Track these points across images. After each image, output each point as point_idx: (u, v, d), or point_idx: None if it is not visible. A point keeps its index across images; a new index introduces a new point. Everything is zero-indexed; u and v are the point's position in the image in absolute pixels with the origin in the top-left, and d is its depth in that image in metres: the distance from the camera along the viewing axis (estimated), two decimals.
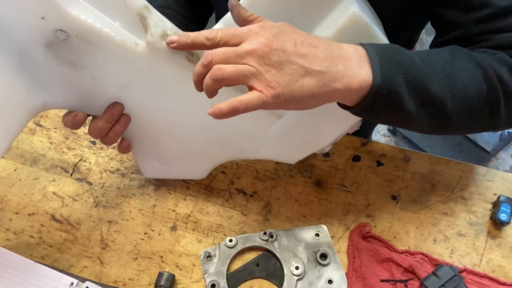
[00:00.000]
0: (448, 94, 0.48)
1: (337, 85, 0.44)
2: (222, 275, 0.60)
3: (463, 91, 0.49)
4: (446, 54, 0.50)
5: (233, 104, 0.42)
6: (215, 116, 0.43)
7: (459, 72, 0.49)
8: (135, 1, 0.46)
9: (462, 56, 0.50)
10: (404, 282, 0.60)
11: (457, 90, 0.48)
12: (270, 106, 0.43)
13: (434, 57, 0.49)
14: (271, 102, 0.42)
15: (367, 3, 0.55)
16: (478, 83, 0.49)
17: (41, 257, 0.63)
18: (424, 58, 0.48)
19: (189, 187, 0.69)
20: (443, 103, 0.48)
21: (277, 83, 0.42)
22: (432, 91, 0.47)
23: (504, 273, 0.61)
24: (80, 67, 0.50)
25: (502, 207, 0.63)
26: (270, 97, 0.42)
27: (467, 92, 0.49)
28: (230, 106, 0.42)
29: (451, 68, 0.49)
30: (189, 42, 0.45)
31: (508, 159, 1.66)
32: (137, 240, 0.65)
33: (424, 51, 0.51)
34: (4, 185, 0.70)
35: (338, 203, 0.67)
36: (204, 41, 0.44)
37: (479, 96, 0.49)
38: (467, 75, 0.49)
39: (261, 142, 0.60)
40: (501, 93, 0.50)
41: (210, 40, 0.44)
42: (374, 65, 0.45)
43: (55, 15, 0.45)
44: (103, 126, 0.55)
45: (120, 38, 0.47)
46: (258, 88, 0.42)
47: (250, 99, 0.42)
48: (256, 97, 0.42)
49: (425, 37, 1.93)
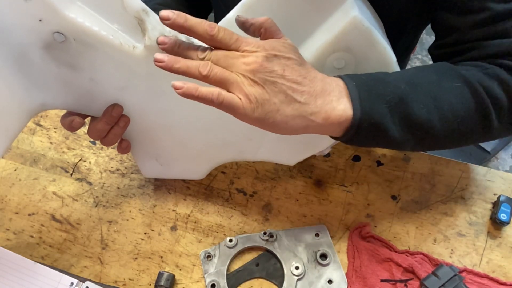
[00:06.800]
0: (435, 116, 0.49)
1: (313, 117, 0.45)
2: (222, 275, 0.60)
3: (450, 112, 0.49)
4: (432, 75, 0.51)
5: (213, 93, 0.42)
6: (186, 91, 0.43)
7: (446, 93, 0.50)
8: (133, 4, 0.45)
9: (449, 75, 0.51)
10: (404, 282, 0.60)
11: (444, 111, 0.49)
12: (244, 117, 0.44)
13: (420, 79, 0.50)
14: (244, 113, 0.43)
15: (369, 5, 0.55)
16: (466, 101, 0.50)
17: (41, 257, 0.64)
18: (410, 82, 0.49)
19: (189, 187, 0.69)
20: (431, 125, 0.49)
21: (255, 98, 0.43)
22: (417, 116, 0.48)
23: (504, 273, 0.61)
24: (78, 69, 0.50)
25: (502, 207, 0.63)
26: (246, 107, 0.43)
27: (455, 111, 0.50)
28: (209, 93, 0.42)
29: (437, 90, 0.50)
30: (185, 26, 0.43)
31: (508, 159, 1.66)
32: (137, 240, 0.65)
33: (412, 71, 0.51)
34: (4, 185, 0.70)
35: (338, 203, 0.67)
36: (203, 33, 0.43)
37: (468, 114, 0.50)
38: (454, 95, 0.50)
39: (260, 144, 0.60)
40: (491, 106, 0.51)
41: (210, 35, 0.43)
42: (354, 99, 0.46)
43: (52, 17, 0.45)
44: (103, 127, 0.55)
45: (118, 41, 0.47)
46: (237, 95, 0.43)
47: (230, 98, 0.43)
48: (235, 99, 0.43)
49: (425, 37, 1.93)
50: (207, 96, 0.42)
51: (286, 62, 0.44)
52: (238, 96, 0.43)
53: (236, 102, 0.43)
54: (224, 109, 0.44)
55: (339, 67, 0.53)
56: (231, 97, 0.43)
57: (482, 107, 0.50)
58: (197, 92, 0.43)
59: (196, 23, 0.43)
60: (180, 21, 0.43)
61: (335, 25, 0.49)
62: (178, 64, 0.43)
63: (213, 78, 0.43)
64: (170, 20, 0.42)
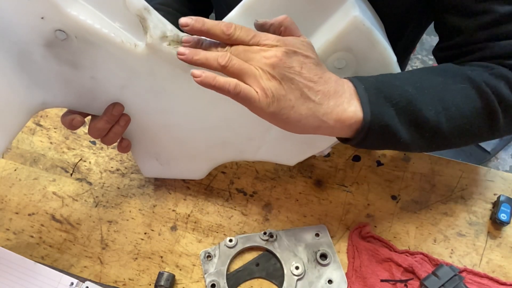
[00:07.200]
0: (442, 118, 0.49)
1: (325, 118, 0.46)
2: (222, 275, 0.60)
3: (458, 112, 0.50)
4: (438, 77, 0.51)
5: (230, 83, 0.43)
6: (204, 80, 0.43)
7: (453, 94, 0.50)
8: (135, 2, 0.45)
9: (455, 76, 0.51)
10: (404, 282, 0.60)
11: (452, 112, 0.50)
12: (258, 111, 0.44)
13: (426, 82, 0.50)
14: (260, 106, 0.43)
15: (369, 5, 0.55)
16: (472, 101, 0.50)
17: (41, 257, 0.63)
18: (417, 85, 0.49)
19: (189, 187, 0.69)
20: (439, 127, 0.50)
21: (272, 93, 0.43)
22: (425, 118, 0.49)
23: (504, 273, 0.61)
24: (80, 67, 0.50)
25: (502, 207, 0.63)
26: (262, 101, 0.43)
27: (462, 112, 0.50)
28: (226, 83, 0.43)
29: (443, 92, 0.50)
30: (203, 29, 0.44)
31: (508, 159, 1.66)
32: (137, 240, 0.65)
33: (418, 73, 0.52)
34: (4, 185, 0.70)
35: (338, 203, 0.67)
36: (220, 34, 0.44)
37: (475, 114, 0.51)
38: (461, 96, 0.50)
39: (261, 144, 0.60)
40: (497, 105, 0.51)
41: (227, 35, 0.44)
42: (363, 103, 0.47)
43: (54, 15, 0.45)
44: (103, 126, 0.55)
45: (119, 39, 0.47)
46: (254, 88, 0.43)
47: (247, 90, 0.43)
48: (252, 91, 0.43)
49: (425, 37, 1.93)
50: (224, 85, 0.43)
51: (304, 60, 0.45)
52: (255, 89, 0.43)
53: (253, 94, 0.43)
54: (240, 101, 0.44)
55: (340, 67, 0.53)
56: (248, 89, 0.43)
57: (489, 106, 0.51)
58: (215, 81, 0.43)
59: (213, 25, 0.44)
60: (198, 26, 0.44)
61: (335, 25, 0.50)
62: (198, 56, 0.44)
63: (231, 68, 0.43)
64: (189, 26, 0.44)
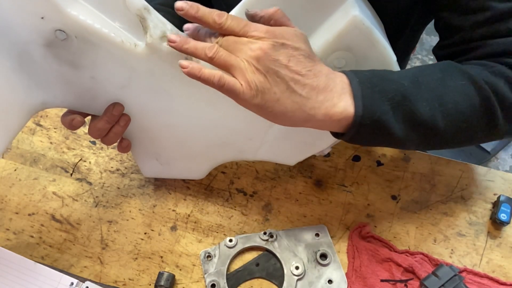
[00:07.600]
0: (438, 114, 0.49)
1: (312, 112, 0.46)
2: (222, 275, 0.60)
3: (454, 109, 0.49)
4: (437, 73, 0.51)
5: (214, 75, 0.44)
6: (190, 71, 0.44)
7: (451, 91, 0.49)
8: (135, 2, 0.45)
9: (454, 73, 0.51)
10: (404, 282, 0.60)
11: (448, 108, 0.49)
12: (243, 103, 0.45)
13: (424, 77, 0.50)
14: (244, 98, 0.44)
15: (369, 5, 0.55)
16: (470, 98, 0.50)
17: (41, 257, 0.63)
18: (414, 80, 0.49)
19: (189, 187, 0.69)
20: (434, 123, 0.49)
21: (256, 86, 0.43)
22: (420, 114, 0.48)
23: (504, 273, 0.61)
24: (80, 67, 0.50)
25: (502, 207, 0.63)
26: (246, 93, 0.44)
27: (459, 109, 0.49)
28: (211, 75, 0.44)
29: (441, 87, 0.49)
30: (197, 16, 0.45)
31: (508, 159, 1.66)
32: (137, 240, 0.65)
33: (416, 69, 0.51)
34: (4, 185, 0.70)
35: (338, 203, 0.67)
36: (211, 22, 0.45)
37: (473, 111, 0.50)
38: (459, 93, 0.50)
39: (261, 144, 0.60)
40: (497, 104, 0.50)
41: (219, 24, 0.44)
42: (356, 96, 0.46)
43: (54, 15, 0.45)
44: (103, 126, 0.55)
45: (119, 38, 0.47)
46: (239, 80, 0.44)
47: (231, 82, 0.44)
48: (236, 84, 0.44)
49: (425, 37, 1.93)
50: (208, 77, 0.44)
51: (293, 53, 0.44)
52: (240, 81, 0.44)
53: (237, 87, 0.44)
54: (225, 93, 0.44)
55: (340, 66, 0.53)
56: (233, 82, 0.44)
57: (488, 104, 0.50)
58: (200, 73, 0.44)
59: (207, 13, 0.45)
60: (192, 12, 0.44)
61: (335, 24, 0.50)
62: (187, 45, 0.45)
63: (218, 60, 0.44)
64: (184, 10, 0.44)
